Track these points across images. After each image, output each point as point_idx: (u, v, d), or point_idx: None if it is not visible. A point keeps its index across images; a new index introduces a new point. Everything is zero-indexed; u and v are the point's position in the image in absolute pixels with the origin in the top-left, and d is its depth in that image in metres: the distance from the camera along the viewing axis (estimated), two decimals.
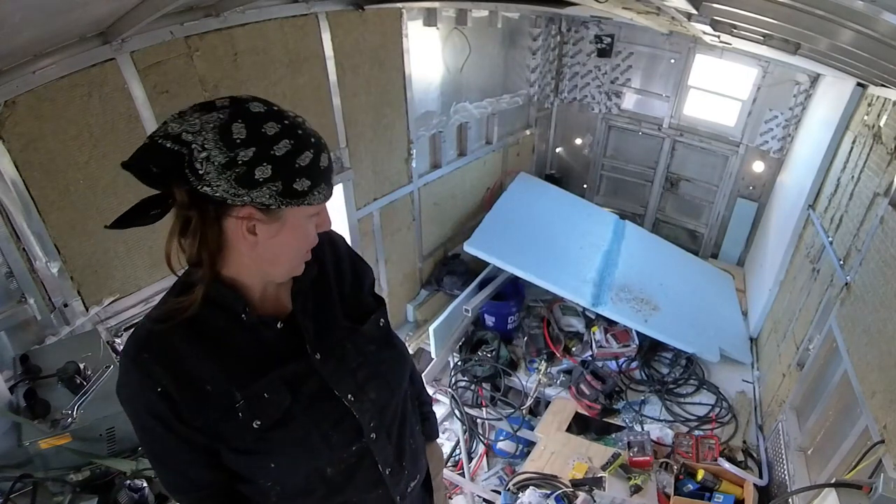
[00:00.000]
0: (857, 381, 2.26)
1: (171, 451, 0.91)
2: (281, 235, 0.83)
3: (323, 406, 0.95)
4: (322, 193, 0.82)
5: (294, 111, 0.83)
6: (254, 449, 0.90)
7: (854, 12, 1.42)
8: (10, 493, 1.56)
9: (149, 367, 0.85)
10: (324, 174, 0.81)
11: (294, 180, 0.78)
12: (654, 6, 2.59)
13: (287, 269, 0.90)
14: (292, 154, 0.77)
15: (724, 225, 5.53)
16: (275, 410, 0.90)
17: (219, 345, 0.88)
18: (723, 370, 4.06)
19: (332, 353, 0.96)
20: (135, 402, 0.88)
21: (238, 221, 0.80)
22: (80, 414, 1.69)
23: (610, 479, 3.14)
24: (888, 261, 2.28)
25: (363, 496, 1.04)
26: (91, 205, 2.19)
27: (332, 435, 0.95)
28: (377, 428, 1.01)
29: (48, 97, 1.94)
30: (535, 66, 5.27)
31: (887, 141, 2.64)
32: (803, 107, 4.58)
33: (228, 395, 0.87)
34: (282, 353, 0.92)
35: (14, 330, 2.02)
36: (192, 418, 0.86)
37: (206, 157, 0.75)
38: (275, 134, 0.77)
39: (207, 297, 0.85)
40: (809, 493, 2.21)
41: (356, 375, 0.98)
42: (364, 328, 1.02)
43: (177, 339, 0.86)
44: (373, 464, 1.02)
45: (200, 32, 2.38)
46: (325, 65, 3.06)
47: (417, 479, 1.17)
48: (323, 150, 0.81)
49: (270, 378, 0.90)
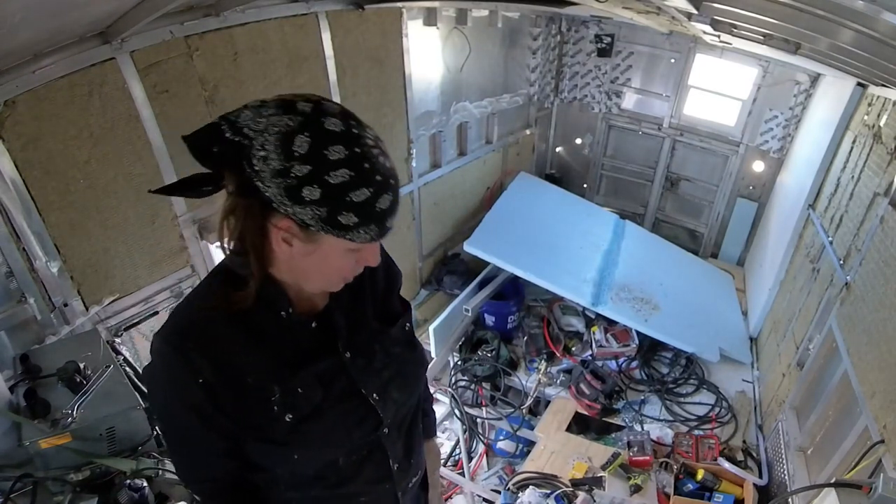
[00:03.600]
0: (857, 381, 2.26)
1: (199, 440, 0.91)
2: (314, 257, 0.82)
3: (350, 403, 0.97)
4: (369, 234, 0.78)
5: (380, 139, 0.78)
6: (282, 440, 0.92)
7: (854, 12, 1.42)
8: (10, 492, 1.56)
9: (191, 357, 0.84)
10: (377, 216, 0.77)
11: (340, 212, 0.75)
12: (654, 6, 2.59)
13: (319, 287, 0.90)
14: (347, 186, 0.74)
15: (724, 225, 5.53)
16: (307, 405, 0.92)
17: (260, 339, 0.89)
18: (723, 370, 4.06)
19: (361, 352, 0.98)
20: (170, 391, 0.88)
21: (276, 229, 0.79)
22: (81, 413, 1.69)
23: (610, 478, 3.14)
24: (888, 261, 2.28)
25: (370, 488, 1.06)
26: (91, 205, 2.19)
27: (355, 430, 0.98)
28: (391, 424, 1.04)
29: (48, 97, 1.94)
30: (536, 65, 5.27)
31: (887, 141, 2.64)
32: (803, 106, 4.58)
33: (267, 389, 0.88)
34: (315, 350, 0.94)
35: (14, 329, 2.02)
36: (230, 409, 0.87)
37: (264, 157, 0.74)
38: (337, 160, 0.73)
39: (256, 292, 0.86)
40: (809, 493, 2.21)
41: (382, 375, 1.01)
42: (392, 331, 1.05)
43: (221, 330, 0.86)
44: (383, 458, 1.05)
45: (200, 32, 2.38)
46: (325, 64, 3.05)
47: (418, 475, 1.20)
48: (386, 191, 0.77)
49: (305, 374, 0.92)
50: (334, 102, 0.78)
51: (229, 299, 0.85)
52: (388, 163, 0.79)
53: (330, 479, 1.01)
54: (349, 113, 0.77)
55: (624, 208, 5.88)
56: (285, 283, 0.89)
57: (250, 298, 0.85)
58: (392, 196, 0.79)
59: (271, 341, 0.90)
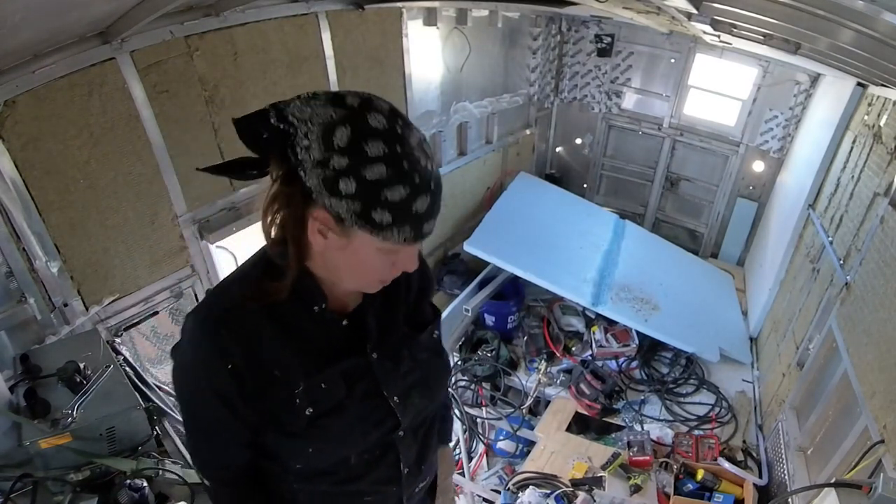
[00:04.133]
0: (857, 381, 2.26)
1: (221, 427, 0.92)
2: (346, 253, 0.81)
3: (370, 403, 0.98)
4: (402, 235, 0.76)
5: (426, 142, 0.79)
6: (300, 433, 0.92)
7: (854, 12, 1.42)
8: (11, 492, 1.56)
9: (224, 344, 0.85)
10: (413, 218, 0.75)
11: (375, 209, 0.74)
12: (654, 6, 2.59)
13: (354, 286, 0.90)
14: (383, 183, 0.73)
15: (724, 225, 5.53)
16: (329, 401, 0.92)
17: (290, 332, 0.89)
18: (723, 370, 4.06)
19: (389, 355, 0.99)
20: (199, 375, 0.89)
21: (313, 220, 0.79)
22: (81, 413, 1.69)
23: (610, 478, 3.14)
24: (888, 261, 2.28)
25: (377, 488, 1.07)
26: (91, 205, 2.19)
27: (372, 431, 0.99)
28: (407, 428, 1.05)
29: (48, 97, 1.94)
30: (536, 65, 5.27)
31: (887, 141, 2.64)
32: (803, 106, 4.58)
33: (292, 382, 0.89)
34: (343, 348, 0.94)
35: (14, 329, 2.02)
36: (254, 399, 0.88)
37: (307, 147, 0.74)
38: (375, 156, 0.72)
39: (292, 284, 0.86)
40: (809, 493, 2.21)
41: (406, 379, 1.01)
42: (421, 336, 1.05)
43: (254, 319, 0.86)
44: (395, 460, 1.05)
45: (200, 32, 2.38)
46: (325, 64, 3.05)
47: (426, 481, 1.20)
48: (423, 193, 0.75)
49: (330, 370, 0.92)
50: (385, 101, 0.77)
51: (265, 289, 0.85)
52: (430, 166, 0.77)
53: (339, 476, 1.01)
54: (397, 112, 0.77)
55: (624, 208, 5.88)
56: (321, 277, 0.89)
57: (285, 290, 0.85)
58: (430, 200, 0.77)
59: (301, 335, 0.90)
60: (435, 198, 0.78)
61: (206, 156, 2.57)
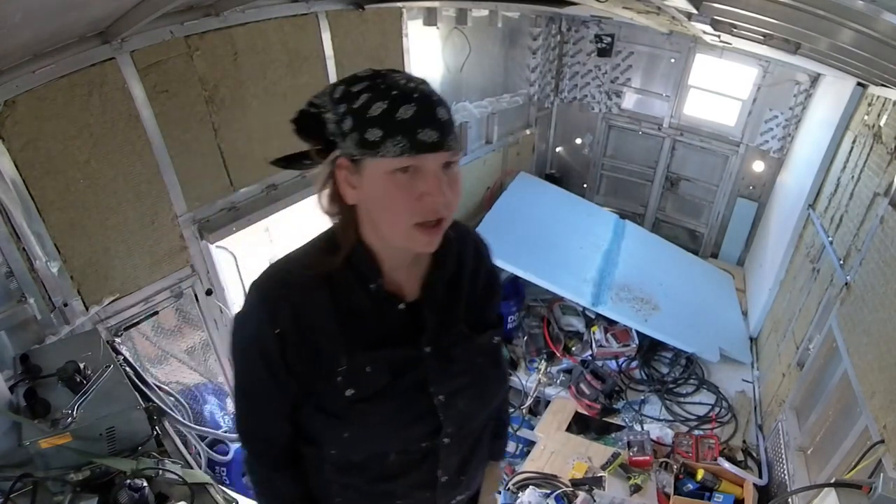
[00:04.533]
0: (857, 381, 2.26)
1: (263, 392, 0.94)
2: (369, 192, 0.83)
3: (413, 398, 0.96)
4: (397, 146, 0.76)
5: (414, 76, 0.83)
6: (337, 414, 0.93)
7: (854, 12, 1.42)
8: (11, 492, 1.57)
9: (275, 307, 0.88)
10: (400, 125, 0.76)
11: (365, 131, 0.78)
12: (654, 6, 2.59)
13: (392, 231, 0.85)
14: (366, 106, 0.78)
15: (724, 225, 5.52)
16: (370, 386, 0.92)
17: (344, 308, 0.90)
18: (723, 370, 4.06)
19: (442, 352, 0.97)
20: (249, 335, 0.92)
21: (339, 170, 0.84)
22: (81, 413, 1.69)
23: (610, 478, 3.14)
24: (888, 261, 2.28)
25: (410, 492, 1.05)
26: (91, 204, 2.19)
27: (410, 427, 0.97)
28: (453, 435, 1.01)
29: (48, 97, 1.94)
30: (536, 65, 5.27)
31: (887, 141, 2.64)
32: (803, 106, 4.58)
33: (336, 358, 0.90)
34: (396, 335, 0.93)
35: (14, 329, 2.02)
36: (297, 368, 0.90)
37: (328, 116, 0.82)
38: (358, 90, 0.80)
39: (347, 258, 0.89)
40: (809, 493, 2.21)
41: (456, 380, 0.98)
42: (479, 339, 1.02)
43: (310, 290, 0.89)
44: (433, 467, 1.03)
45: (200, 32, 2.38)
46: (325, 64, 3.05)
47: (465, 495, 1.17)
48: (405, 103, 0.77)
49: (378, 355, 0.92)
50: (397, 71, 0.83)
51: (321, 259, 0.89)
52: (414, 84, 0.80)
53: (374, 472, 1.00)
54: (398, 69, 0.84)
55: (624, 208, 5.88)
56: (377, 252, 0.90)
57: (338, 262, 0.88)
58: (416, 107, 0.77)
59: (355, 312, 0.91)
60: (422, 105, 0.78)
61: (206, 156, 2.57)
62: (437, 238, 0.85)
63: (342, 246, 0.88)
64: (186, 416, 2.72)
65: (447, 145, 0.79)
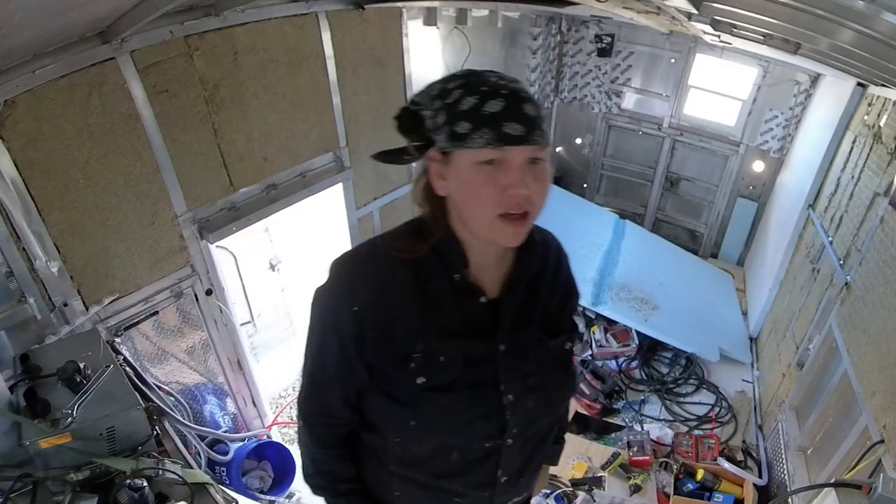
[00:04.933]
0: (857, 381, 2.26)
1: (330, 369, 0.95)
2: (455, 183, 0.85)
3: (483, 393, 0.96)
4: (482, 137, 0.80)
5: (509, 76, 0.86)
6: (405, 401, 0.93)
7: (854, 12, 1.42)
8: (11, 492, 1.57)
9: (356, 285, 0.90)
10: (486, 119, 0.80)
11: (457, 123, 0.81)
12: (654, 5, 2.59)
13: (478, 221, 0.86)
14: (458, 101, 0.82)
15: (724, 225, 5.53)
16: (442, 376, 0.92)
17: (425, 295, 0.91)
18: (722, 370, 4.06)
19: (515, 351, 0.97)
20: (326, 309, 0.94)
21: (430, 162, 0.87)
22: (81, 413, 1.69)
23: (609, 478, 3.14)
24: (888, 261, 2.28)
25: (469, 491, 1.05)
26: (91, 204, 2.19)
27: (477, 423, 0.97)
28: (517, 436, 1.00)
29: (48, 97, 1.94)
30: (536, 65, 5.27)
31: (887, 141, 2.64)
32: (803, 106, 4.58)
33: (411, 344, 0.90)
34: (473, 329, 0.94)
35: (14, 329, 2.02)
36: (370, 349, 0.91)
37: (425, 113, 0.86)
38: (453, 87, 0.83)
39: (434, 247, 0.90)
40: (809, 493, 2.21)
41: (526, 381, 0.99)
42: (552, 343, 1.03)
43: (393, 273, 0.90)
44: (494, 466, 1.02)
45: (200, 32, 2.38)
46: (325, 64, 3.05)
47: (522, 496, 1.16)
48: (493, 98, 0.80)
49: (453, 346, 0.92)
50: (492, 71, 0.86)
51: (407, 244, 0.91)
52: (503, 82, 0.83)
53: (434, 468, 1.01)
54: (494, 70, 0.86)
55: (624, 208, 5.88)
56: (465, 247, 0.91)
57: (425, 249, 0.90)
58: (504, 102, 0.80)
59: (436, 300, 0.92)
60: (510, 101, 0.80)
61: (206, 156, 2.57)
62: (521, 231, 0.85)
63: (432, 234, 0.90)
64: (186, 416, 2.72)
65: (532, 139, 0.80)
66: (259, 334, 3.74)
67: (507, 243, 0.87)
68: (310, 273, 3.92)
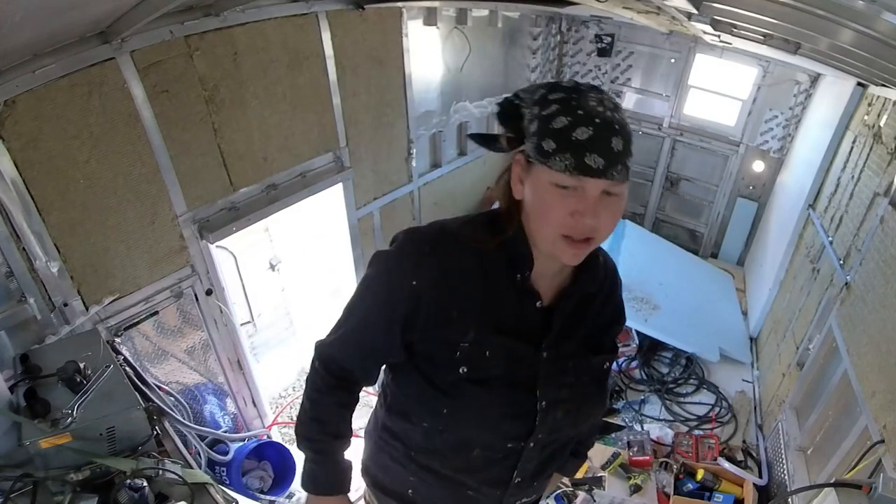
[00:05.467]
0: (857, 381, 2.26)
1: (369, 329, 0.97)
2: (529, 191, 0.87)
3: (519, 395, 0.98)
4: (563, 161, 0.80)
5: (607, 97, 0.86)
6: (443, 388, 0.95)
7: (854, 12, 1.42)
8: (11, 492, 1.57)
9: (419, 261, 0.91)
10: (573, 144, 0.80)
11: (544, 139, 0.82)
12: (654, 6, 2.59)
13: (541, 235, 0.89)
14: (551, 117, 0.82)
15: (724, 225, 5.52)
16: (483, 371, 0.94)
17: (488, 287, 0.93)
18: (722, 370, 4.06)
19: (557, 360, 0.99)
20: (384, 274, 0.96)
21: (516, 165, 0.89)
22: (81, 413, 1.69)
23: (610, 478, 3.14)
24: (888, 261, 2.28)
25: (481, 487, 1.07)
26: (91, 204, 2.19)
27: (506, 422, 0.99)
28: (540, 440, 1.03)
29: (48, 97, 1.94)
30: (536, 65, 5.27)
31: (887, 141, 2.64)
32: (803, 106, 4.58)
33: (463, 331, 0.92)
34: (522, 331, 0.96)
35: (14, 329, 2.02)
36: (419, 328, 0.92)
37: (525, 112, 0.87)
38: (553, 100, 0.84)
39: (503, 243, 0.92)
40: (809, 493, 2.21)
41: (561, 392, 1.01)
42: (593, 359, 1.05)
43: (461, 258, 0.92)
44: (511, 466, 1.05)
45: (200, 32, 2.38)
46: (325, 64, 3.06)
47: (532, 498, 1.19)
48: (585, 125, 0.80)
49: (499, 343, 0.94)
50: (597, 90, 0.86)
51: (479, 233, 0.93)
52: (602, 109, 0.82)
53: (455, 461, 1.03)
54: (596, 87, 0.86)
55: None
56: (534, 246, 0.93)
57: (496, 242, 0.92)
58: (594, 131, 0.80)
59: (496, 295, 0.93)
60: (600, 132, 0.80)
61: (206, 156, 2.57)
62: (581, 254, 0.87)
63: (504, 230, 0.92)
64: (186, 415, 2.72)
65: (609, 174, 0.80)
66: (259, 334, 3.74)
67: (566, 262, 0.89)
68: (310, 273, 3.92)
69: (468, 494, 1.08)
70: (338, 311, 1.05)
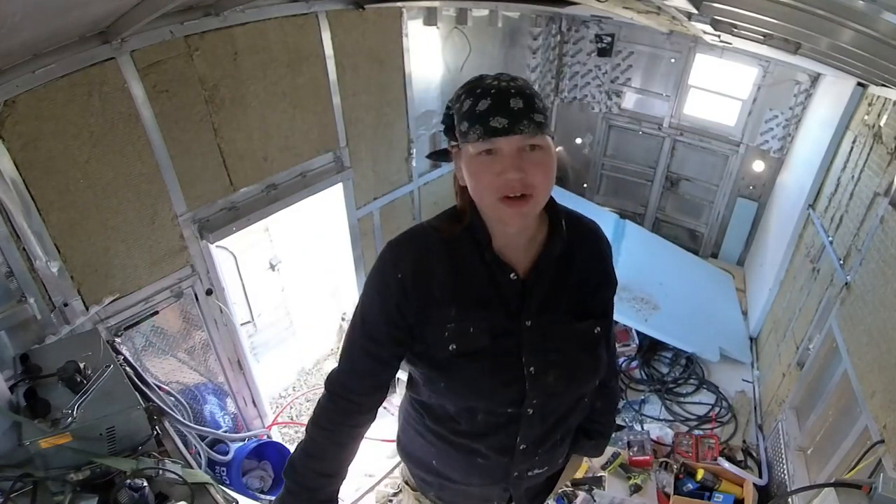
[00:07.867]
0: (857, 381, 2.27)
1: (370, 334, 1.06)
2: (465, 171, 0.99)
3: (506, 362, 1.05)
4: (475, 133, 0.92)
5: (511, 75, 0.97)
6: (437, 365, 1.05)
7: (854, 12, 1.42)
8: (11, 492, 1.57)
9: (401, 256, 1.04)
10: (477, 117, 0.92)
11: (461, 123, 0.95)
12: (654, 5, 2.59)
13: (483, 204, 0.98)
14: (461, 104, 0.96)
15: (724, 224, 5.52)
16: (470, 345, 1.03)
17: (461, 267, 1.03)
18: (722, 370, 4.06)
19: (539, 327, 1.05)
20: (375, 277, 1.06)
21: (456, 159, 1.02)
22: (81, 413, 1.69)
23: (610, 478, 3.14)
24: (888, 261, 2.28)
25: (489, 453, 1.13)
26: (91, 204, 2.19)
27: (499, 389, 1.06)
28: (538, 407, 1.09)
29: (48, 97, 1.95)
30: (536, 65, 5.27)
31: (887, 141, 2.64)
32: (804, 106, 4.58)
33: (447, 311, 1.02)
34: (501, 303, 1.04)
35: (14, 329, 2.02)
36: (412, 312, 1.03)
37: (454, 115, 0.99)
38: (460, 93, 0.98)
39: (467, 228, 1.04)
40: (809, 493, 2.21)
41: (547, 357, 1.06)
42: (579, 325, 1.10)
43: (434, 247, 1.04)
44: (514, 433, 1.11)
45: (200, 32, 2.38)
46: (325, 64, 3.06)
47: (545, 470, 1.23)
48: (483, 98, 0.92)
49: (480, 317, 1.03)
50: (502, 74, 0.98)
51: (444, 225, 1.06)
52: (496, 83, 0.94)
53: (461, 426, 1.11)
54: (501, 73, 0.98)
55: (624, 208, 5.88)
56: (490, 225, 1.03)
57: (458, 230, 1.04)
58: (491, 101, 0.92)
59: (469, 274, 1.04)
60: (497, 99, 0.91)
61: (206, 156, 2.58)
62: (522, 211, 0.94)
63: (463, 217, 1.04)
64: (186, 415, 2.72)
65: (517, 129, 0.90)
66: (259, 334, 3.74)
67: (512, 222, 0.97)
68: (310, 273, 3.92)
69: (479, 462, 1.14)
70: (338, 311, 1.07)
